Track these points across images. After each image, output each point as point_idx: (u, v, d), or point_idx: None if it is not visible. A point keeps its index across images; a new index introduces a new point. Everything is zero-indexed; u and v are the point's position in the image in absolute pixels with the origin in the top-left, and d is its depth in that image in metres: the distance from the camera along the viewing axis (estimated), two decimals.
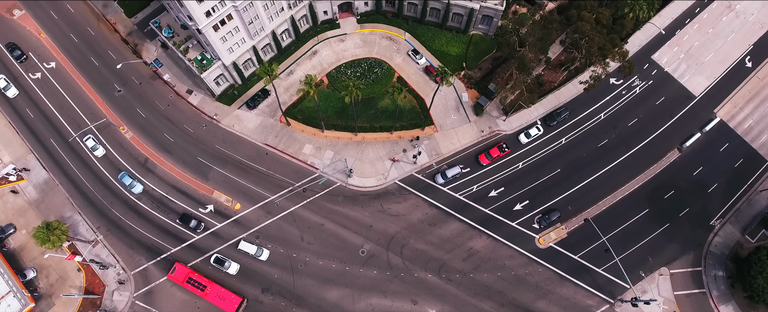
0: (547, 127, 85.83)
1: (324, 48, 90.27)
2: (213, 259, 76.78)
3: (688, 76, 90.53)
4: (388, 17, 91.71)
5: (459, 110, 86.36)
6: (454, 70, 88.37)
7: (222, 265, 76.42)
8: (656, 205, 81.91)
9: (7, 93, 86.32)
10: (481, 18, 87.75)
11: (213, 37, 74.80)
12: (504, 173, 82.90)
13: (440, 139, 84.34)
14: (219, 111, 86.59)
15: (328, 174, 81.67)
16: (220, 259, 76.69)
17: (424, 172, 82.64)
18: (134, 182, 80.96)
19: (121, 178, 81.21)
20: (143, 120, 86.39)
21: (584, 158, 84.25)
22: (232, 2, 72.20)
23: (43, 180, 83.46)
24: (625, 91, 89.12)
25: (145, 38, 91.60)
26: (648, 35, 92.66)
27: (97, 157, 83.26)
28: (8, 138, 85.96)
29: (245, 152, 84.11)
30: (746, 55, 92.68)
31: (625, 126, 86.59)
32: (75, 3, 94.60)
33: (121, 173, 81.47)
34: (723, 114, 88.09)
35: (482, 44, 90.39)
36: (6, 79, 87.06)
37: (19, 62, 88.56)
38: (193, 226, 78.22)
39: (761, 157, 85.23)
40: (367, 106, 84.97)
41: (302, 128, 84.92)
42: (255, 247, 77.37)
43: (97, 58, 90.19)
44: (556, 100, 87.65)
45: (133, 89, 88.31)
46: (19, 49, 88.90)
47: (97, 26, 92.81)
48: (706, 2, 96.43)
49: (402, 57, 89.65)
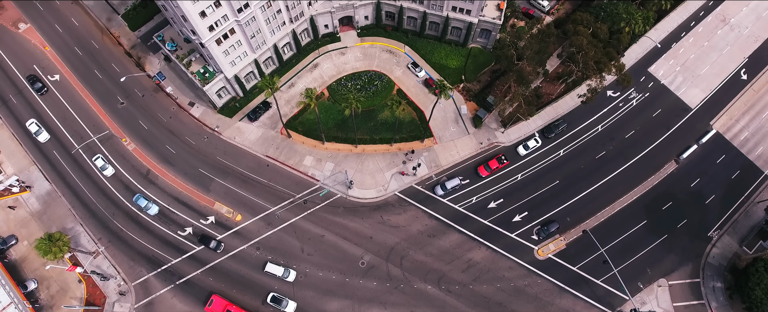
0: (545, 139, 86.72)
1: (325, 61, 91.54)
2: (269, 299, 75.41)
3: (685, 89, 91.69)
4: (388, 31, 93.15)
5: (458, 122, 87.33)
6: (453, 82, 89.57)
7: (279, 304, 75.00)
8: (654, 216, 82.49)
9: (38, 138, 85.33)
10: (480, 31, 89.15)
11: (216, 51, 75.99)
12: (503, 185, 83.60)
13: (439, 151, 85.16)
14: (220, 123, 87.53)
15: (328, 186, 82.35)
16: (277, 298, 75.21)
17: (424, 183, 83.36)
18: (150, 204, 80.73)
19: (136, 200, 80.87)
20: (145, 132, 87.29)
21: (582, 170, 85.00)
22: (235, 17, 73.49)
23: (45, 191, 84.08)
24: (622, 103, 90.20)
25: (149, 51, 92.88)
26: (644, 48, 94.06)
27: (107, 177, 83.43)
28: (12, 150, 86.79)
29: (246, 164, 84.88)
30: (741, 67, 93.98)
31: (623, 138, 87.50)
32: (80, 17, 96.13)
33: (136, 195, 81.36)
34: (719, 126, 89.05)
35: (481, 57, 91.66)
36: (37, 123, 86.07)
37: (40, 95, 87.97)
38: (213, 246, 78.05)
39: (758, 168, 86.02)
40: (367, 119, 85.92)
41: (303, 140, 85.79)
42: (282, 268, 77.02)
43: (100, 71, 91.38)
44: (554, 112, 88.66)
45: (136, 101, 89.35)
46: (40, 81, 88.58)
47: (101, 39, 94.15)
48: (701, 16, 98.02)
49: (402, 70, 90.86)
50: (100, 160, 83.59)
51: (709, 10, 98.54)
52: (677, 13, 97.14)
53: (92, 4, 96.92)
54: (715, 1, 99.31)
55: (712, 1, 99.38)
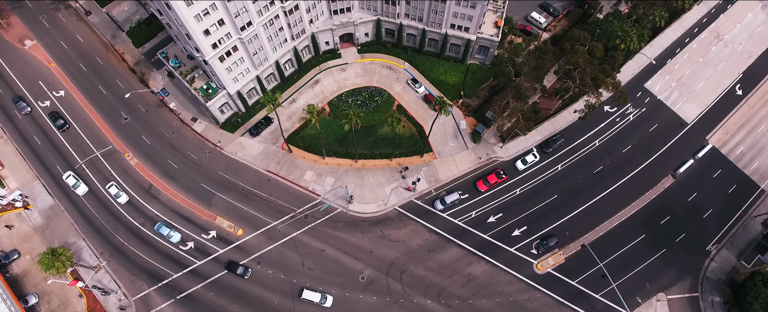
0: (543, 154, 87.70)
1: (326, 77, 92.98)
2: None
3: (681, 104, 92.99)
4: (388, 47, 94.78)
5: (457, 137, 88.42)
6: (452, 98, 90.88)
7: None
8: (652, 230, 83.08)
9: (77, 190, 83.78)
10: (478, 48, 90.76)
11: (219, 68, 77.37)
12: (502, 199, 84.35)
13: (439, 166, 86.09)
14: (222, 138, 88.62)
15: (329, 200, 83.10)
16: None
17: (424, 198, 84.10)
18: (172, 232, 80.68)
19: (158, 229, 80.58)
20: (148, 147, 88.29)
21: (580, 184, 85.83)
22: (238, 34, 75.03)
23: (48, 206, 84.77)
24: (619, 118, 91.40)
25: (152, 67, 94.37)
26: (640, 64, 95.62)
27: (121, 204, 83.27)
28: (15, 165, 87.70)
29: (247, 179, 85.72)
30: (736, 83, 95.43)
31: (620, 153, 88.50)
32: (85, 33, 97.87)
33: (158, 224, 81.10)
34: (715, 141, 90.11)
35: (479, 73, 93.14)
36: (75, 176, 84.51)
37: (61, 131, 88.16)
38: (240, 273, 77.78)
39: (754, 182, 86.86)
40: (367, 134, 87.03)
41: (304, 155, 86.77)
42: (319, 294, 76.91)
43: (105, 87, 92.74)
44: (552, 127, 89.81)
45: (140, 117, 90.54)
46: (62, 118, 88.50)
47: (105, 56, 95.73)
48: (696, 32, 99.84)
49: (401, 86, 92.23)
50: (114, 188, 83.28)
51: (703, 27, 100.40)
52: (672, 29, 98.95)
53: (98, 21, 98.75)
54: (708, 19, 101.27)
55: (705, 18, 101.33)
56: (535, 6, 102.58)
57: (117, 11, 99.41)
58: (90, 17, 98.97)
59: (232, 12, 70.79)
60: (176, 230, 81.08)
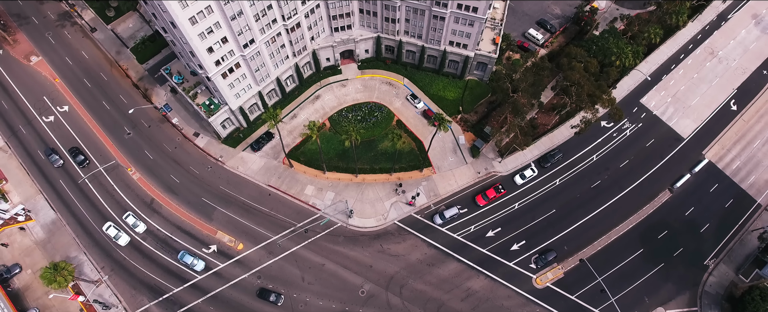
0: (541, 169, 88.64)
1: (326, 93, 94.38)
2: None
3: (676, 119, 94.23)
4: (388, 63, 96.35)
5: (456, 152, 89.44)
6: (451, 113, 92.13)
7: None
8: (650, 245, 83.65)
9: (119, 241, 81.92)
10: (476, 64, 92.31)
11: (221, 84, 78.73)
12: (500, 214, 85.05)
13: (438, 181, 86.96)
14: (224, 153, 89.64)
15: (329, 215, 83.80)
16: None
17: (423, 212, 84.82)
18: (195, 260, 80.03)
19: (182, 258, 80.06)
20: (151, 162, 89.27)
21: (578, 199, 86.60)
22: (241, 52, 76.56)
23: (50, 220, 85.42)
24: (615, 133, 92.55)
25: (156, 83, 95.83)
26: (636, 80, 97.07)
27: (139, 233, 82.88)
28: (19, 179, 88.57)
29: (249, 193, 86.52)
30: (731, 98, 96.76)
31: (617, 167, 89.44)
32: (90, 50, 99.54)
33: (181, 252, 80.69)
34: (711, 155, 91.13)
35: (478, 89, 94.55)
36: (116, 227, 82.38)
37: (82, 167, 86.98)
38: (273, 300, 77.42)
39: (750, 197, 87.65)
40: (367, 149, 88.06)
41: (304, 170, 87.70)
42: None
43: (108, 102, 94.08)
44: (550, 142, 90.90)
45: (142, 132, 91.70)
46: (82, 153, 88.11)
47: (109, 72, 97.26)
48: (690, 49, 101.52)
49: (401, 101, 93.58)
50: (131, 217, 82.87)
51: (697, 43, 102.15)
52: (667, 46, 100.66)
53: (103, 37, 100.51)
54: (703, 35, 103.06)
55: (700, 35, 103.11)
56: (532, 23, 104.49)
57: (122, 28, 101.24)
58: (95, 34, 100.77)
59: (236, 30, 72.33)
60: (199, 258, 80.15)
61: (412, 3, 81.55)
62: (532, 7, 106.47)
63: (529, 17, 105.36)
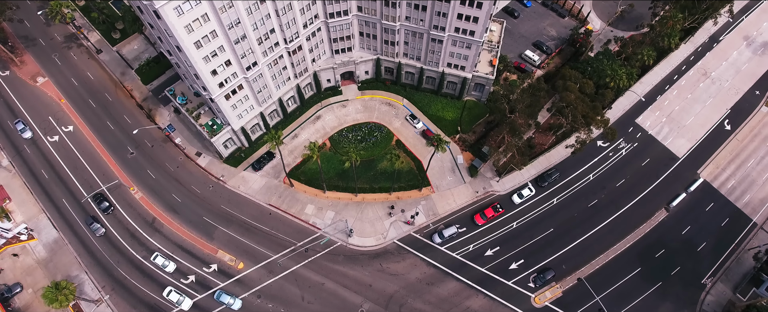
0: (538, 188, 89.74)
1: (327, 113, 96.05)
2: None
3: (671, 139, 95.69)
4: (387, 84, 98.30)
5: (454, 172, 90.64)
6: (450, 133, 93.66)
7: None
8: (648, 264, 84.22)
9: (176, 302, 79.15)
10: (474, 85, 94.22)
11: (224, 105, 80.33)
12: (499, 233, 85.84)
13: (437, 200, 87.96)
14: (226, 172, 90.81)
15: (329, 234, 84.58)
16: None
17: (422, 231, 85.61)
18: (233, 298, 79.13)
19: (219, 298, 78.91)
20: (153, 181, 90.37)
21: (576, 218, 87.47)
22: (244, 74, 78.37)
23: (52, 239, 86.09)
24: (612, 153, 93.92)
25: (159, 104, 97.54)
26: (631, 101, 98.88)
27: (169, 273, 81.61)
28: (22, 198, 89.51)
29: (249, 212, 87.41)
30: (724, 118, 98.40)
31: (614, 186, 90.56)
32: (95, 71, 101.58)
33: (217, 292, 79.47)
34: (706, 174, 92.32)
35: (475, 109, 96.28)
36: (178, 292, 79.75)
37: (106, 213, 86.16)
38: None
39: (746, 216, 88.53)
40: (367, 168, 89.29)
41: (305, 189, 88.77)
42: None
43: (112, 122, 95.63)
44: (547, 161, 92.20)
45: (145, 152, 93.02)
46: (107, 200, 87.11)
47: (114, 92, 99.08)
48: (683, 70, 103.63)
49: (400, 121, 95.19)
50: (160, 258, 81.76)
51: (690, 65, 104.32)
52: (660, 67, 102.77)
53: (108, 59, 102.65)
54: (695, 57, 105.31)
55: (693, 56, 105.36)
56: (529, 44, 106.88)
57: (127, 50, 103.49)
58: (101, 55, 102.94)
59: (239, 53, 74.23)
60: (235, 297, 79.17)
61: (411, 27, 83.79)
62: (528, 29, 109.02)
63: (526, 39, 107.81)
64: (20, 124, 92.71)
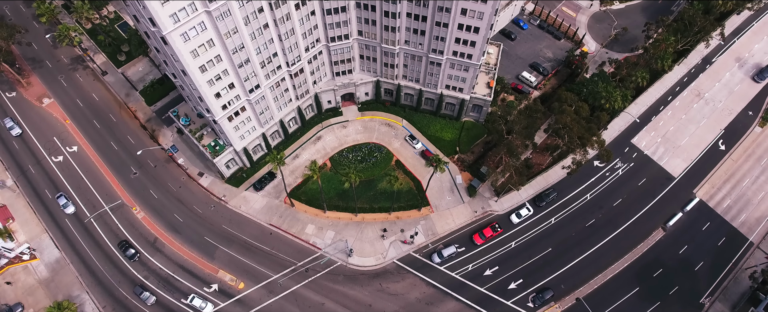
0: (536, 208, 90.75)
1: (328, 133, 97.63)
2: None
3: (667, 159, 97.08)
4: (387, 105, 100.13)
5: (453, 191, 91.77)
6: (448, 153, 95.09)
7: None
8: (646, 283, 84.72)
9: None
10: (472, 107, 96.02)
11: (227, 127, 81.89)
12: (497, 252, 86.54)
13: (436, 220, 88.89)
14: (227, 192, 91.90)
15: (329, 253, 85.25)
16: None
17: (421, 251, 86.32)
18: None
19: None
20: (155, 201, 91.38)
21: (573, 237, 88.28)
22: (247, 96, 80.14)
23: (54, 259, 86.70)
24: (608, 173, 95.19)
25: (163, 124, 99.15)
26: (626, 121, 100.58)
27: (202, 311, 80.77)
28: (26, 218, 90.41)
29: (250, 232, 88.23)
30: (719, 138, 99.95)
31: (611, 206, 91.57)
32: (100, 92, 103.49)
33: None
34: (702, 194, 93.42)
35: (474, 130, 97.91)
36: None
37: (132, 261, 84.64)
38: None
39: (742, 235, 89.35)
40: (366, 188, 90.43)
41: (305, 209, 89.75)
42: None
43: (116, 143, 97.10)
44: (545, 181, 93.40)
45: (148, 172, 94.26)
46: (132, 247, 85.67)
47: (118, 113, 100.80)
48: (677, 91, 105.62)
49: (400, 142, 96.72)
50: (197, 300, 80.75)
51: (684, 86, 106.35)
52: (655, 88, 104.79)
53: (113, 80, 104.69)
54: (689, 78, 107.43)
55: (686, 78, 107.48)
56: (525, 66, 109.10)
57: (132, 71, 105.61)
58: (106, 77, 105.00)
59: (242, 76, 76.12)
60: None
61: (410, 50, 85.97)
62: (525, 51, 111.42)
63: (523, 60, 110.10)
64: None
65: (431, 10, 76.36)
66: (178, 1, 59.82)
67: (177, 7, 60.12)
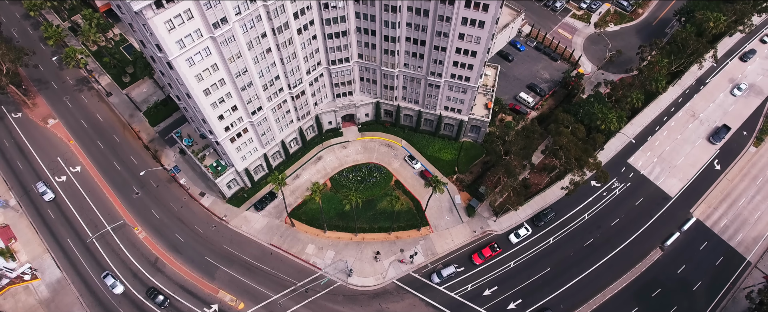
0: (535, 228, 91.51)
1: (328, 154, 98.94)
2: None
3: (663, 178, 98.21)
4: (387, 126, 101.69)
5: (452, 212, 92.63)
6: (447, 173, 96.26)
7: None
8: (645, 303, 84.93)
9: None
10: (470, 127, 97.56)
11: (229, 148, 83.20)
12: (497, 272, 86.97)
13: (435, 239, 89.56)
14: (228, 212, 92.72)
15: (329, 274, 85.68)
16: None
17: (421, 271, 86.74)
18: None
19: None
20: (157, 221, 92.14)
21: (572, 257, 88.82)
22: (249, 118, 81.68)
23: (55, 279, 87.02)
24: (605, 192, 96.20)
25: (165, 145, 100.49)
26: (623, 141, 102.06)
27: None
28: (28, 238, 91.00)
29: (251, 252, 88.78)
30: (714, 158, 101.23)
31: (609, 226, 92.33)
32: (104, 113, 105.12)
33: None
34: (699, 214, 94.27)
35: (472, 150, 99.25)
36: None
37: (163, 308, 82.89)
38: None
39: (739, 255, 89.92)
40: (366, 208, 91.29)
41: (306, 229, 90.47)
42: None
43: (119, 163, 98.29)
44: (543, 201, 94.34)
45: (151, 192, 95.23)
46: (161, 293, 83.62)
47: (122, 134, 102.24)
48: (672, 111, 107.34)
49: (399, 162, 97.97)
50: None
51: (679, 106, 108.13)
52: (650, 109, 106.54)
53: (117, 101, 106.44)
54: (683, 99, 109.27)
55: (681, 98, 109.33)
56: (523, 86, 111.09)
57: (136, 92, 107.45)
58: (111, 98, 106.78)
59: (245, 99, 77.74)
60: None
61: (409, 73, 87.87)
62: (522, 72, 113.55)
63: (520, 81, 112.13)
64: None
65: (430, 34, 78.44)
66: (185, 28, 61.65)
67: (183, 33, 61.99)
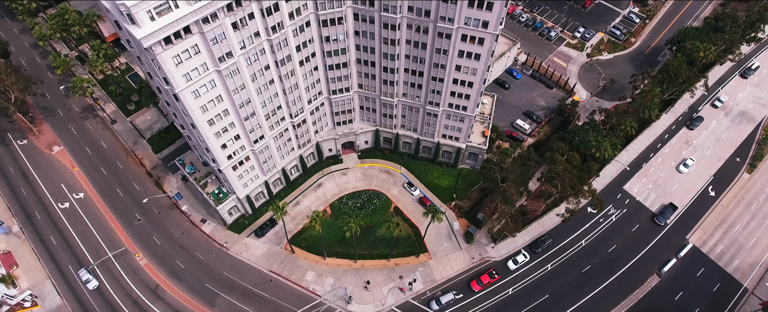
0: (533, 254, 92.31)
1: (328, 180, 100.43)
2: None
3: (659, 205, 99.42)
4: (386, 153, 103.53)
5: (451, 238, 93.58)
6: (446, 200, 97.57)
7: None
8: None
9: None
10: (468, 155, 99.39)
11: (231, 175, 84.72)
12: (495, 299, 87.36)
13: (434, 266, 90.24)
14: (229, 239, 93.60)
15: (328, 301, 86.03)
16: None
17: (420, 298, 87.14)
18: None
19: None
20: (158, 247, 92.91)
21: (570, 284, 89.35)
22: (251, 147, 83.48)
23: (55, 306, 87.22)
24: (602, 219, 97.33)
25: (168, 172, 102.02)
26: (618, 168, 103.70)
27: None
28: (30, 264, 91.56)
29: (251, 279, 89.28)
30: (708, 185, 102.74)
31: (606, 252, 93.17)
32: (109, 140, 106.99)
33: None
34: (695, 240, 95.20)
35: (470, 177, 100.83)
36: None
37: None
38: None
39: (736, 281, 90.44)
40: (366, 235, 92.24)
41: (306, 255, 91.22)
42: None
43: (122, 190, 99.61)
44: (540, 228, 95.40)
45: (152, 218, 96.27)
46: None
47: (125, 161, 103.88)
48: (666, 138, 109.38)
49: (398, 189, 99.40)
50: None
51: (672, 133, 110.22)
52: (644, 136, 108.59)
53: (122, 129, 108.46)
54: (677, 126, 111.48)
55: (674, 126, 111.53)
56: (519, 114, 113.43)
57: (140, 120, 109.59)
58: (115, 125, 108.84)
59: (248, 128, 79.70)
60: None
61: (408, 102, 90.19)
62: (518, 99, 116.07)
63: (517, 108, 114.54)
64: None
65: (427, 66, 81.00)
66: (191, 62, 63.99)
67: (190, 67, 64.28)
